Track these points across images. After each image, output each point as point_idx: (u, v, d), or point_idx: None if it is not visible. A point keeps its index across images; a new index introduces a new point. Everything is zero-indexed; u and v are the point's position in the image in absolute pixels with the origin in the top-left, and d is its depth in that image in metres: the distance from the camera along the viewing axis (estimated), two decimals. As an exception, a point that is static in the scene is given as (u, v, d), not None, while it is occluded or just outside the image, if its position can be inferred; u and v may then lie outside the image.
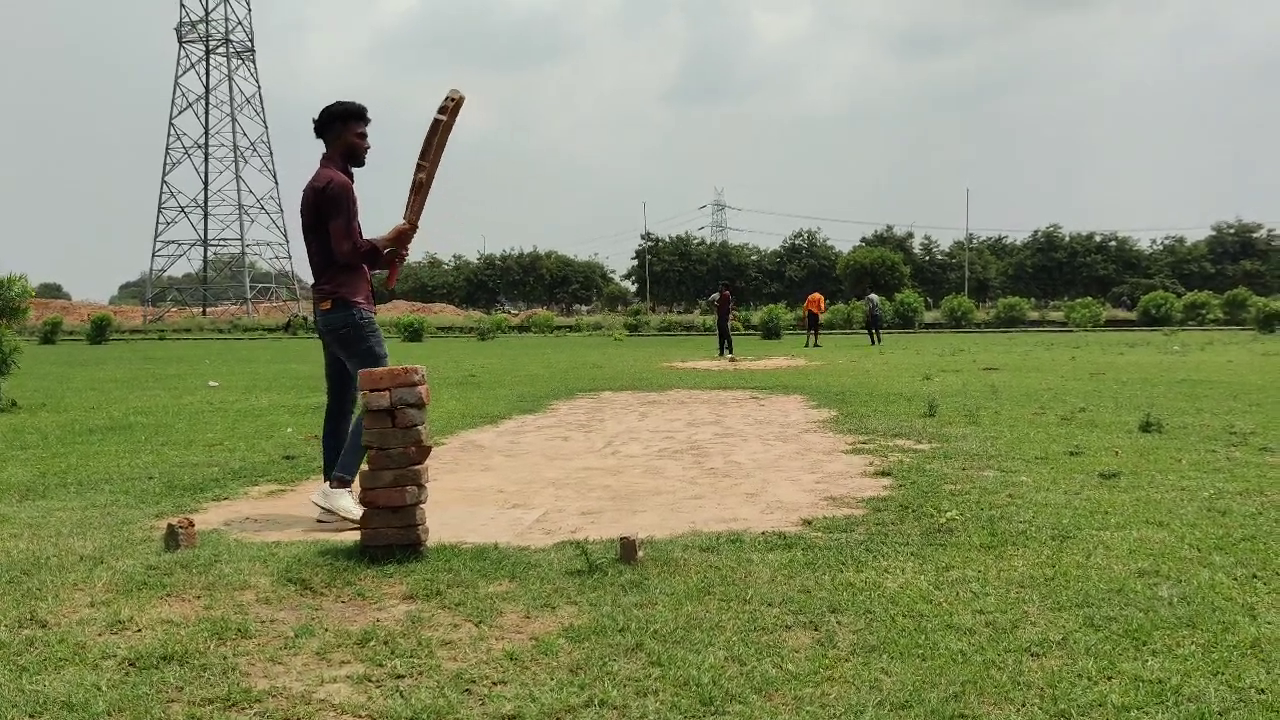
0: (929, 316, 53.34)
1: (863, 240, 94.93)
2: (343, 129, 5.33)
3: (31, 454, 7.84)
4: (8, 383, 12.15)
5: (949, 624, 3.38)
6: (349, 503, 5.03)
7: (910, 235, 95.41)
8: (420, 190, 5.32)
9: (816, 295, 32.12)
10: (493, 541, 4.64)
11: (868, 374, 16.25)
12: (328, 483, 5.19)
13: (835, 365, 19.16)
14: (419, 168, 5.30)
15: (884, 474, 6.39)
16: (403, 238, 5.38)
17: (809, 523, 4.99)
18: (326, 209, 5.17)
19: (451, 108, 5.25)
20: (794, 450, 7.62)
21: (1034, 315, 55.58)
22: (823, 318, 32.58)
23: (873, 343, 31.01)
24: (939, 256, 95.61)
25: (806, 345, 29.38)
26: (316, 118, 5.37)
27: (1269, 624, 3.35)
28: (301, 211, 5.28)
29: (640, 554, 4.16)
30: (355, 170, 5.42)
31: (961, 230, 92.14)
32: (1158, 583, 3.83)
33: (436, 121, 5.26)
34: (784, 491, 5.94)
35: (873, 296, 33.49)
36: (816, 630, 3.34)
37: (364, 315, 5.28)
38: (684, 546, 4.45)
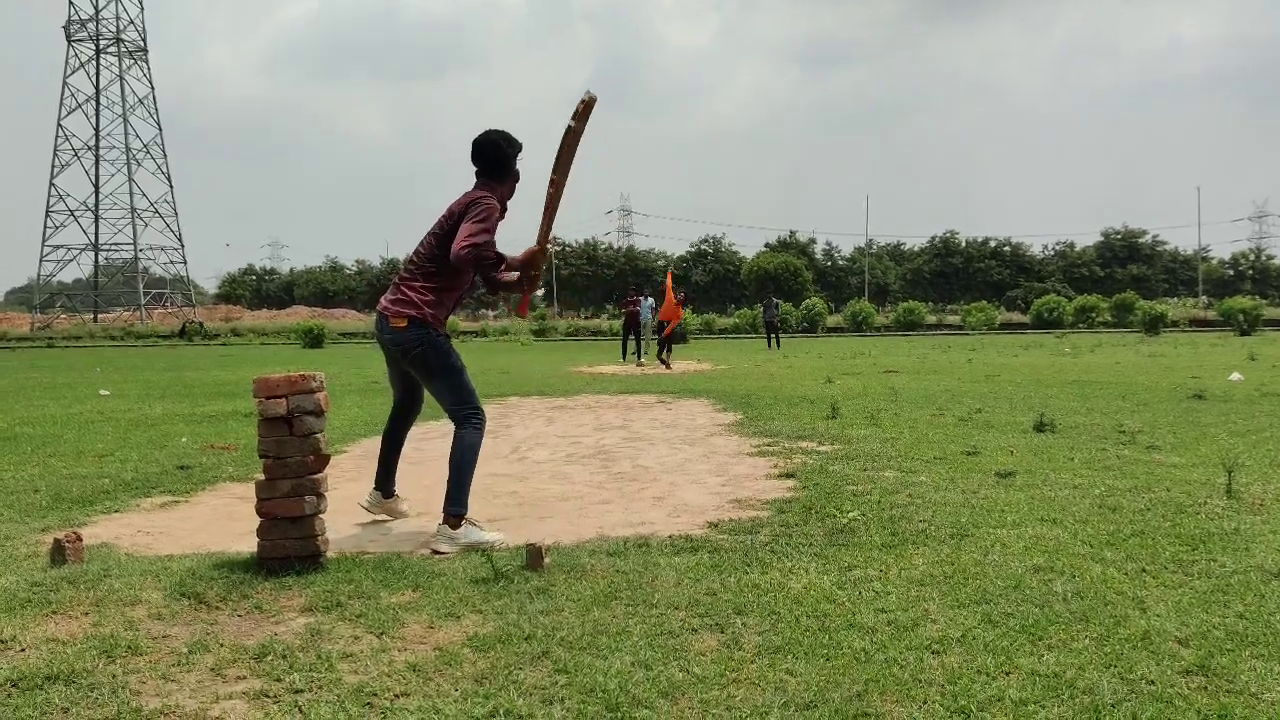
0: (831, 321, 54.26)
1: (766, 245, 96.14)
2: (512, 172, 4.98)
3: (-94, 468, 7.46)
4: (-120, 393, 11.56)
5: (852, 623, 3.42)
6: (482, 533, 4.73)
7: (813, 241, 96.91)
8: (551, 207, 4.85)
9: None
10: (395, 551, 4.56)
11: (772, 377, 16.44)
12: (446, 524, 4.69)
13: (740, 369, 19.36)
14: (551, 183, 4.81)
15: (788, 476, 6.45)
16: (534, 261, 4.96)
17: (715, 525, 5.01)
18: (471, 212, 4.71)
19: (583, 111, 4.74)
20: (700, 454, 7.66)
21: (932, 319, 56.97)
22: (684, 323, 30.72)
23: (769, 346, 31.33)
24: (840, 262, 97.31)
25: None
26: (486, 146, 4.91)
27: (1158, 616, 3.47)
28: (442, 218, 4.85)
29: (547, 560, 4.13)
30: None
31: (862, 236, 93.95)
32: (1052, 579, 3.93)
33: (570, 129, 4.76)
34: (690, 495, 5.96)
35: (773, 300, 33.89)
36: (722, 633, 3.35)
37: (443, 338, 4.91)
38: (591, 552, 4.43)
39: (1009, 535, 4.68)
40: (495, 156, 4.91)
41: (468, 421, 4.98)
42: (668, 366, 20.57)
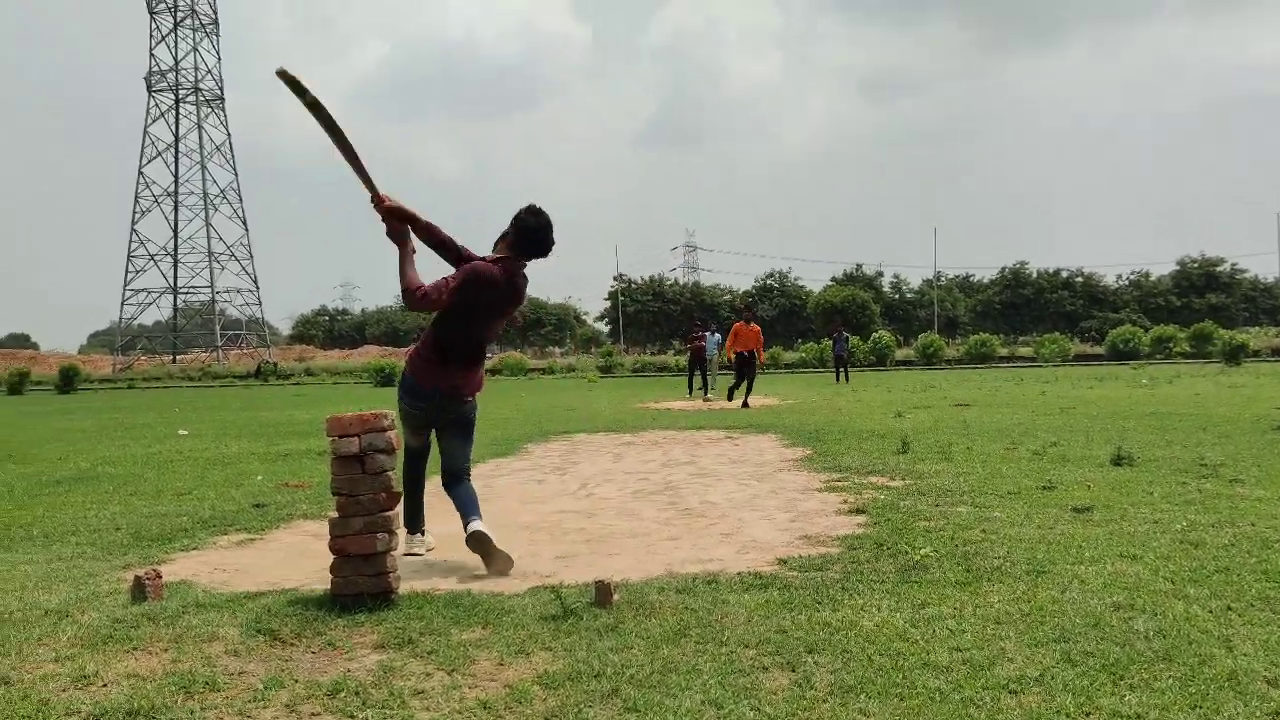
0: (901, 354, 53.67)
1: (833, 279, 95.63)
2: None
3: (-5, 507, 7.70)
4: (-28, 434, 11.97)
5: (926, 662, 3.36)
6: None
7: (880, 274, 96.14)
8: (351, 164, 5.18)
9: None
10: (465, 588, 4.59)
11: (841, 412, 16.29)
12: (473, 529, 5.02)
13: (808, 404, 19.21)
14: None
15: (858, 511, 6.38)
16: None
17: (784, 562, 4.97)
18: (519, 302, 5.20)
19: (293, 86, 4.98)
20: (769, 489, 7.61)
21: (1003, 351, 55.99)
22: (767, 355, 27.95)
23: (837, 379, 31.07)
24: (908, 294, 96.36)
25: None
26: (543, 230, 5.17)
27: (1244, 656, 3.35)
28: (507, 297, 5.11)
29: (615, 597, 4.12)
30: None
31: (930, 268, 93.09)
32: (1133, 616, 3.83)
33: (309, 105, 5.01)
34: (759, 531, 5.92)
35: (843, 333, 33.66)
36: (794, 671, 3.31)
37: None
38: (659, 589, 4.41)
39: (1087, 572, 4.56)
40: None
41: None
42: (745, 404, 18.91)
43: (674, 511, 6.77)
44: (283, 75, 4.94)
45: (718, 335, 24.73)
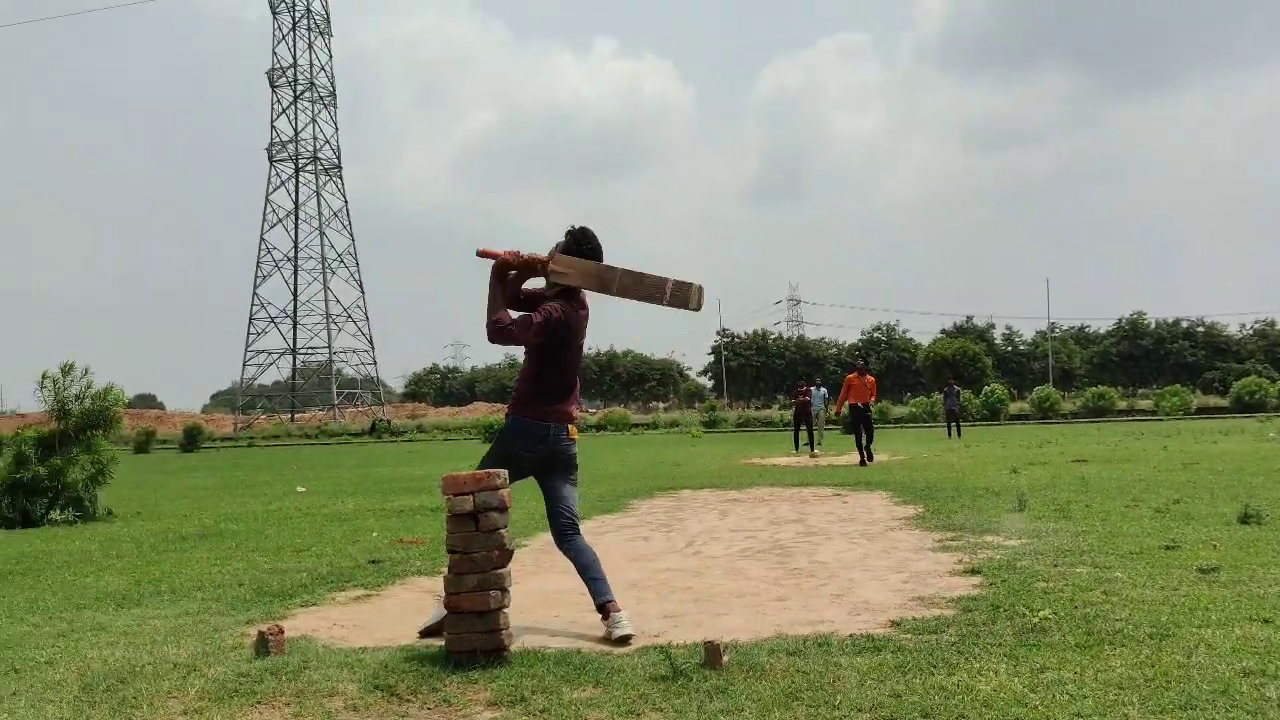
0: (1014, 408, 52.38)
1: (942, 332, 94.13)
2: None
3: (126, 562, 8.05)
4: (104, 492, 12.53)
5: (1047, 730, 3.27)
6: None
7: (991, 326, 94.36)
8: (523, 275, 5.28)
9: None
10: (575, 647, 4.62)
11: (953, 468, 15.96)
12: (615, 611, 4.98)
13: (919, 460, 18.85)
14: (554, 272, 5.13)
15: (973, 572, 6.24)
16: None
17: (897, 624, 4.89)
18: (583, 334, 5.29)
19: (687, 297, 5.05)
20: (880, 549, 7.50)
21: (1122, 404, 54.18)
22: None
23: (949, 435, 30.49)
24: (1021, 346, 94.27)
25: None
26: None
27: (1391, 729, 3.18)
28: (576, 332, 5.21)
29: (725, 659, 4.11)
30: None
31: (1043, 320, 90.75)
32: (1264, 683, 3.66)
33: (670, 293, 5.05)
34: (871, 592, 5.84)
35: (954, 387, 33.07)
36: (908, 737, 3.25)
37: None
38: (769, 650, 4.38)
39: (1214, 635, 4.38)
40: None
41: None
42: (866, 460, 17.90)
43: (782, 571, 6.72)
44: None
45: (823, 390, 24.60)
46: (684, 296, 4.99)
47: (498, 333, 5.01)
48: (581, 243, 5.18)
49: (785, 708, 3.58)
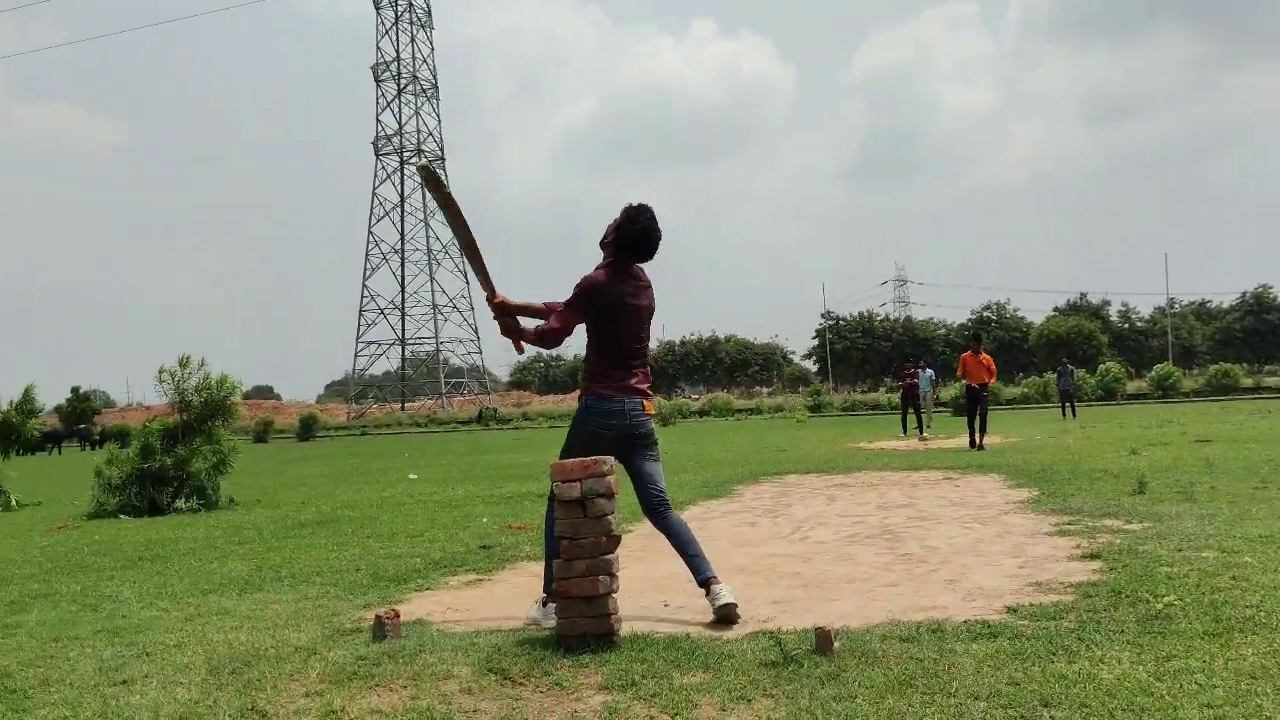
0: (1132, 387, 50.69)
1: (1055, 310, 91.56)
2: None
3: (248, 549, 8.33)
4: (226, 481, 13.00)
5: (1173, 718, 3.15)
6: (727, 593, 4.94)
7: (1106, 303, 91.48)
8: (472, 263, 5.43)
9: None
10: (685, 632, 4.62)
11: (1068, 450, 15.52)
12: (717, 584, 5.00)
13: (1033, 442, 18.38)
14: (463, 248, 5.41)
15: (1093, 557, 6.05)
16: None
17: (1014, 610, 4.76)
18: (645, 301, 5.26)
19: (426, 181, 5.37)
20: (994, 533, 7.33)
21: (1247, 382, 51.95)
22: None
23: (1064, 415, 29.67)
24: (1138, 324, 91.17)
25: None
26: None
27: None
28: (652, 309, 5.27)
29: (836, 644, 4.06)
30: None
31: (1161, 295, 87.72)
32: None
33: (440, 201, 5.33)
34: (985, 577, 5.71)
35: (1068, 366, 32.16)
36: (1028, 726, 3.17)
37: None
38: (882, 637, 4.31)
39: (1359, 625, 4.17)
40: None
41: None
42: (979, 445, 16.85)
43: (893, 556, 6.61)
44: (423, 170, 5.36)
45: (930, 371, 24.13)
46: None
47: (548, 338, 5.17)
48: (625, 221, 5.17)
49: (899, 695, 3.52)
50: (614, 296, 5.10)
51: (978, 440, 17.00)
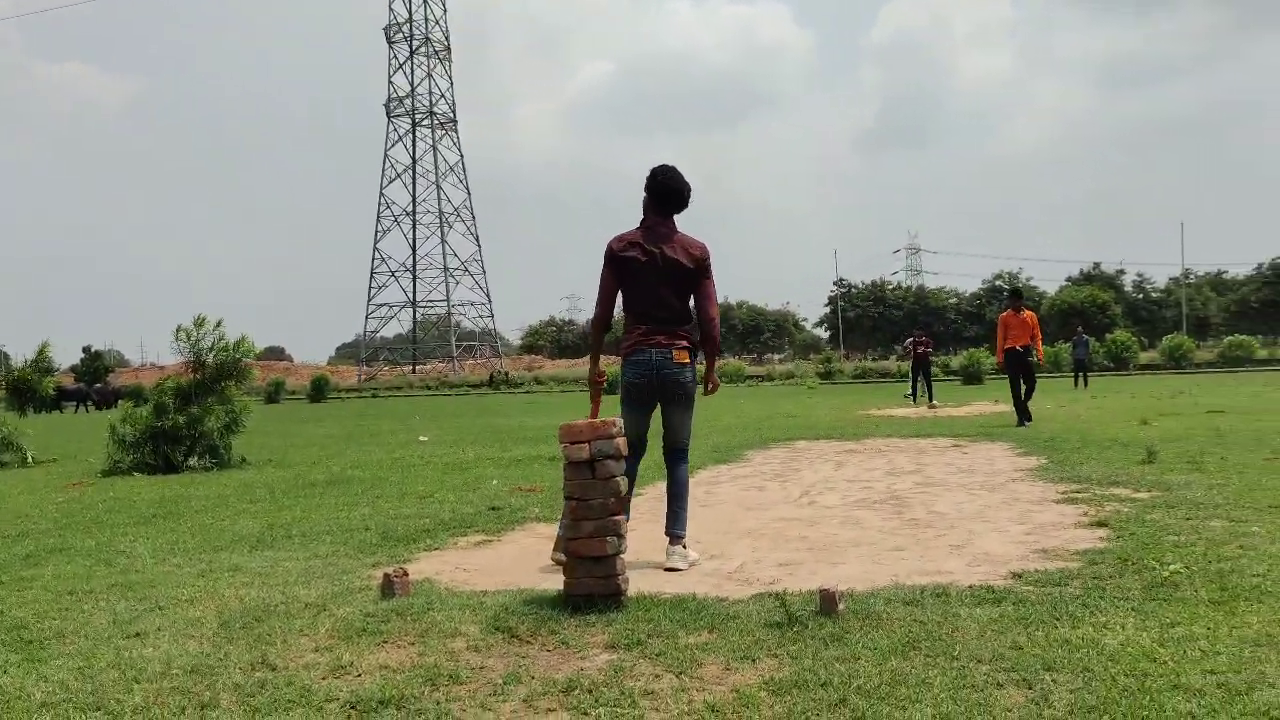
0: (1145, 357, 50.47)
1: (1069, 279, 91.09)
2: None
3: (260, 507, 8.40)
4: (238, 440, 13.08)
5: (1176, 684, 3.17)
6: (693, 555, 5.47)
7: (1121, 272, 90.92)
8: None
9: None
10: (691, 592, 4.66)
11: (1078, 419, 15.50)
12: (677, 545, 5.42)
13: (1042, 411, 18.34)
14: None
15: (1099, 524, 6.06)
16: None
17: (1019, 576, 4.78)
18: (708, 271, 5.41)
19: None
20: (1001, 500, 7.34)
21: (1263, 353, 51.66)
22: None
23: (1075, 385, 29.61)
24: (1153, 294, 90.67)
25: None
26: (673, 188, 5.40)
27: None
28: (678, 262, 5.31)
29: (841, 606, 4.09)
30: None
31: (1176, 266, 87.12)
32: None
33: None
34: (991, 543, 5.73)
35: (1083, 336, 32.08)
36: (1030, 689, 3.19)
37: None
38: (886, 599, 4.34)
39: (1364, 594, 4.17)
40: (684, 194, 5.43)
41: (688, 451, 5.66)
42: (1026, 417, 14.54)
43: (899, 521, 6.64)
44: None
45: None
46: None
47: (599, 322, 5.60)
48: (649, 179, 5.38)
49: (903, 657, 3.55)
50: (622, 255, 5.23)
51: (1029, 414, 14.63)
